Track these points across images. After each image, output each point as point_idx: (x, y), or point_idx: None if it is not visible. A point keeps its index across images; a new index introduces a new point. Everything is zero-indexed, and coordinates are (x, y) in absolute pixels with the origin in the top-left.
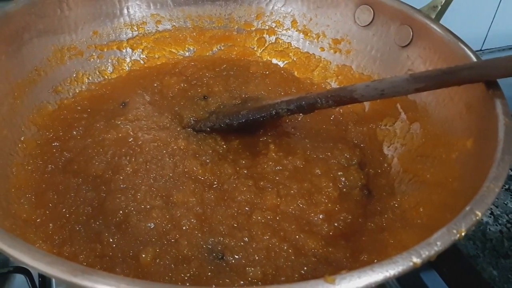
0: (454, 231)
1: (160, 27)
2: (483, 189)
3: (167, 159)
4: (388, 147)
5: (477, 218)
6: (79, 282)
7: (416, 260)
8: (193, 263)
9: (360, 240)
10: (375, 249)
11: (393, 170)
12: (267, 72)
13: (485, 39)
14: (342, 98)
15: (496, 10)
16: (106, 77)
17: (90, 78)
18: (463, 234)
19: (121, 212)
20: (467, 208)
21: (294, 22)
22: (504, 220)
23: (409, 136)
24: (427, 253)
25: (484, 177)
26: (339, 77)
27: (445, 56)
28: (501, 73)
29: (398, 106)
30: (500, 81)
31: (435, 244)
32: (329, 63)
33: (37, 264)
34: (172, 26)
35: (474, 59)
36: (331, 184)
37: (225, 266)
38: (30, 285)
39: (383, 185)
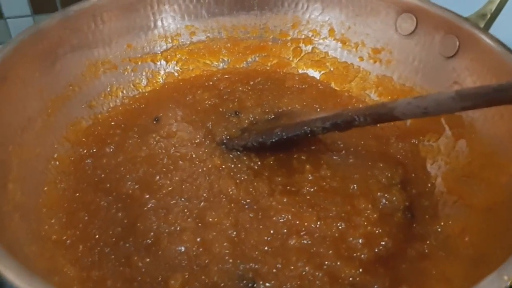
0: (505, 277)
1: (194, 39)
2: None
3: (203, 178)
4: (431, 164)
5: None
6: None
7: None
8: None
9: (399, 268)
10: (415, 280)
11: (437, 190)
12: (303, 86)
13: None
14: (382, 116)
15: None
16: (140, 90)
17: (125, 92)
18: None
19: (152, 233)
20: None
21: (331, 31)
22: None
23: (454, 154)
24: None
25: None
26: (379, 88)
27: (494, 69)
28: None
29: (443, 121)
30: None
31: None
32: (368, 73)
33: None
34: (206, 37)
35: None
36: (370, 205)
37: None
38: None
39: (426, 207)
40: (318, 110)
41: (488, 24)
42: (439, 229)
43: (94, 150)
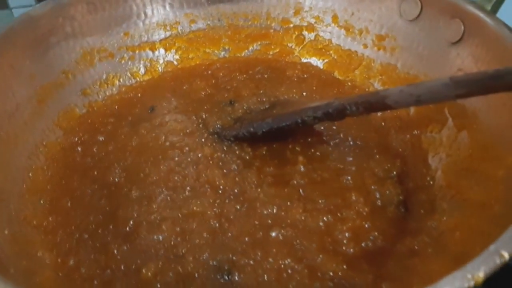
0: (469, 275)
1: (194, 27)
2: None
3: (191, 168)
4: (433, 157)
5: (502, 260)
6: None
7: None
8: (195, 282)
9: (386, 265)
10: (399, 278)
11: (436, 183)
12: (304, 76)
13: None
14: (374, 104)
15: None
16: (138, 79)
17: (121, 80)
18: (480, 280)
19: (132, 222)
20: (491, 248)
21: (335, 17)
22: None
23: (455, 146)
24: None
25: None
26: (383, 77)
27: (500, 56)
28: None
29: (446, 111)
30: None
31: None
32: (372, 61)
33: None
34: (206, 25)
35: None
36: (362, 199)
37: (229, 287)
38: None
39: (423, 201)
40: (318, 99)
41: (495, 7)
42: (433, 225)
43: (86, 138)
